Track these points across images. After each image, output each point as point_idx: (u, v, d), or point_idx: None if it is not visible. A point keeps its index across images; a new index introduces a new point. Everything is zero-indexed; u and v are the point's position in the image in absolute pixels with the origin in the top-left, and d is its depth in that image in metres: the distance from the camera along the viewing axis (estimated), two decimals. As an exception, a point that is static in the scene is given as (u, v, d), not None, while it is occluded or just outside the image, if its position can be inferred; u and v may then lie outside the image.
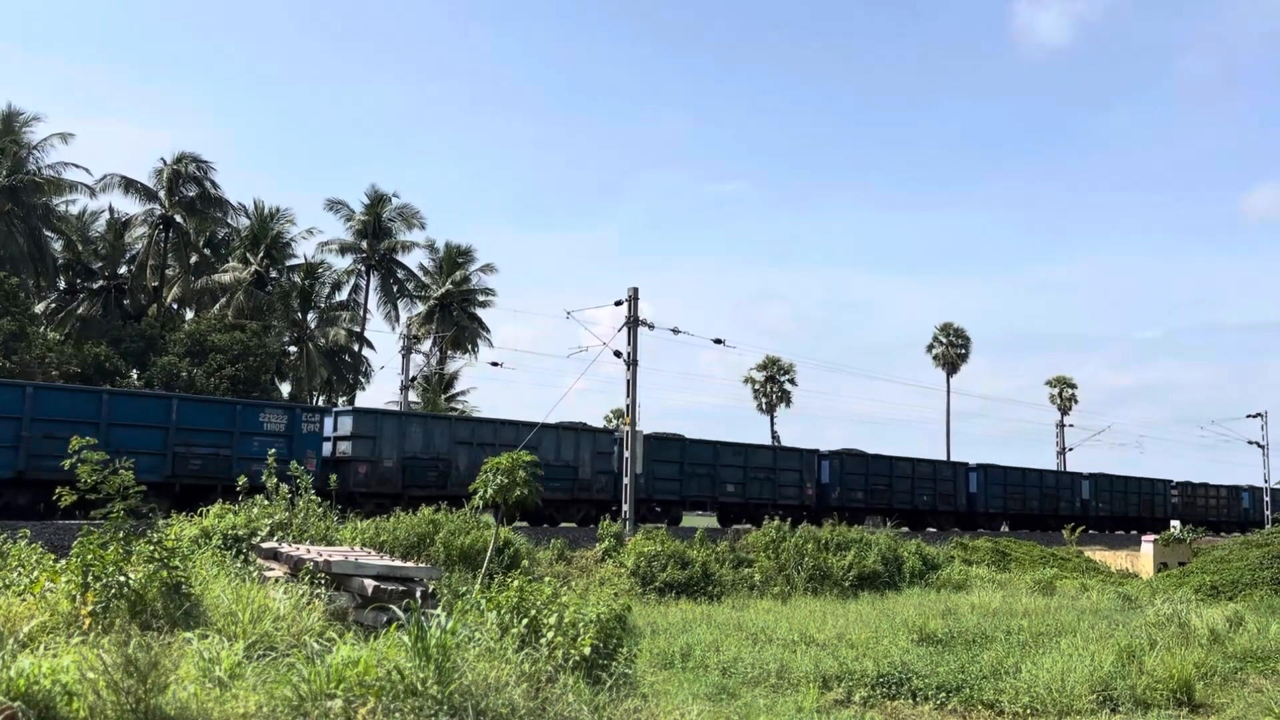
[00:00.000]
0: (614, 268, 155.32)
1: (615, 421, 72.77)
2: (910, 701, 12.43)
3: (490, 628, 9.59)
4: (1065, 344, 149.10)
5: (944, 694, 12.53)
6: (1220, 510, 61.20)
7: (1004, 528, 47.21)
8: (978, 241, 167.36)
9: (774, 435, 75.79)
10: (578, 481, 32.08)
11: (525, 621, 9.73)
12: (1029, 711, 11.81)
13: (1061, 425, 75.07)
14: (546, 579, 12.35)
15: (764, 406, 78.21)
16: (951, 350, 78.66)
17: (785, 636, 16.13)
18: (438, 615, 8.68)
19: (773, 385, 77.88)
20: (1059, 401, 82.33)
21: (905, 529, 35.73)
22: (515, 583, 10.52)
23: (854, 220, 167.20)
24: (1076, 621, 18.34)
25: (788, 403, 78.20)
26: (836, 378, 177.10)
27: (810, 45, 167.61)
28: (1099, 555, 38.09)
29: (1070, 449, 73.05)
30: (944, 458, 61.65)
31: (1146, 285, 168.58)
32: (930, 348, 79.62)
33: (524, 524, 26.81)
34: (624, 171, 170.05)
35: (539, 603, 10.09)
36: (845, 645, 15.32)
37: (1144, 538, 39.22)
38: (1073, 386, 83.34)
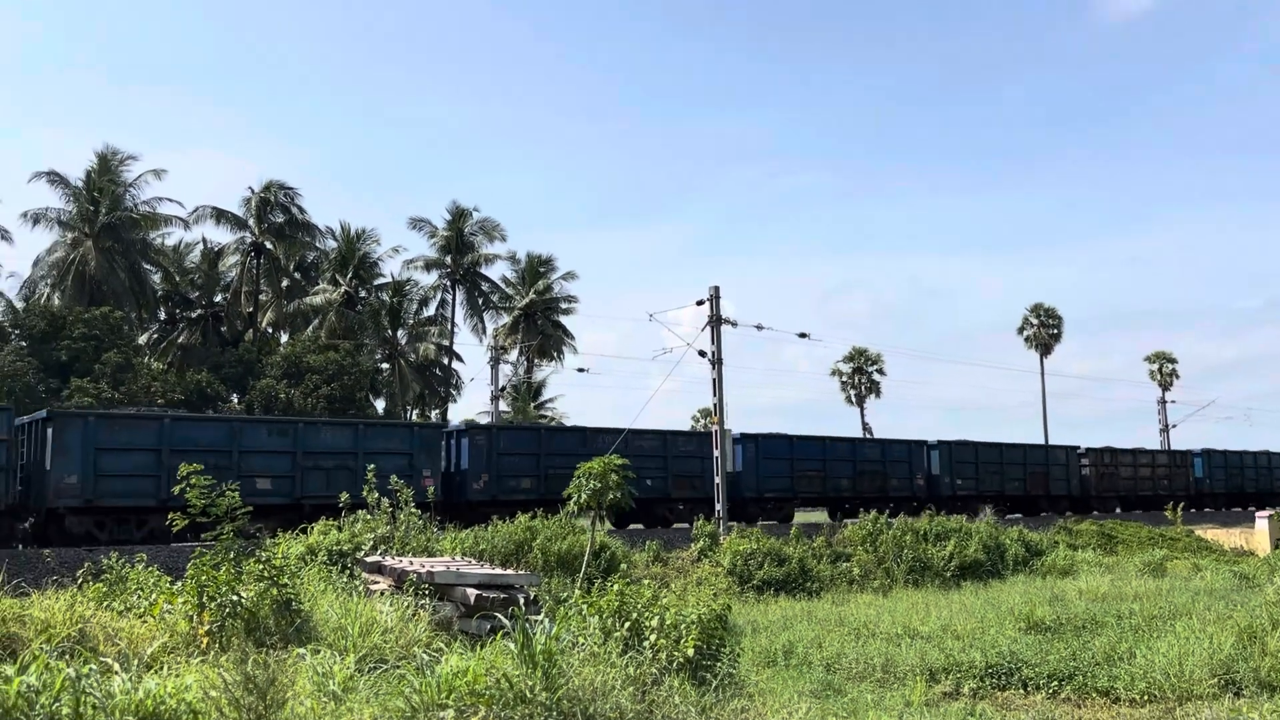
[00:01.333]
0: (693, 266, 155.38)
1: (702, 421, 72.73)
2: (1021, 691, 12.19)
3: (593, 632, 9.67)
4: (1162, 318, 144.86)
5: (1056, 682, 12.26)
6: (1156, 482, 49.05)
7: (800, 515, 36.75)
8: (1063, 218, 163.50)
9: (865, 427, 75.02)
10: None
11: (627, 625, 9.79)
12: (1146, 698, 11.49)
13: (1163, 402, 72.94)
14: (645, 581, 12.41)
15: (853, 398, 77.47)
16: (1044, 331, 76.94)
17: (888, 630, 15.94)
18: (541, 622, 8.79)
19: (861, 376, 77.09)
20: (1159, 378, 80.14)
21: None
22: (615, 586, 10.58)
23: (933, 205, 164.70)
24: (1191, 603, 17.78)
25: (877, 393, 77.38)
26: (926, 366, 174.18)
27: (880, 29, 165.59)
28: (1211, 534, 36.93)
29: (1174, 426, 71.00)
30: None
31: (1242, 252, 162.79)
32: (1021, 329, 78.04)
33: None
34: (697, 170, 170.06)
35: (640, 605, 10.14)
36: (950, 637, 15.09)
37: (1259, 514, 37.84)
38: (1173, 362, 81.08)
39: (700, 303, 30.45)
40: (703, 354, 30.21)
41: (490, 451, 29.22)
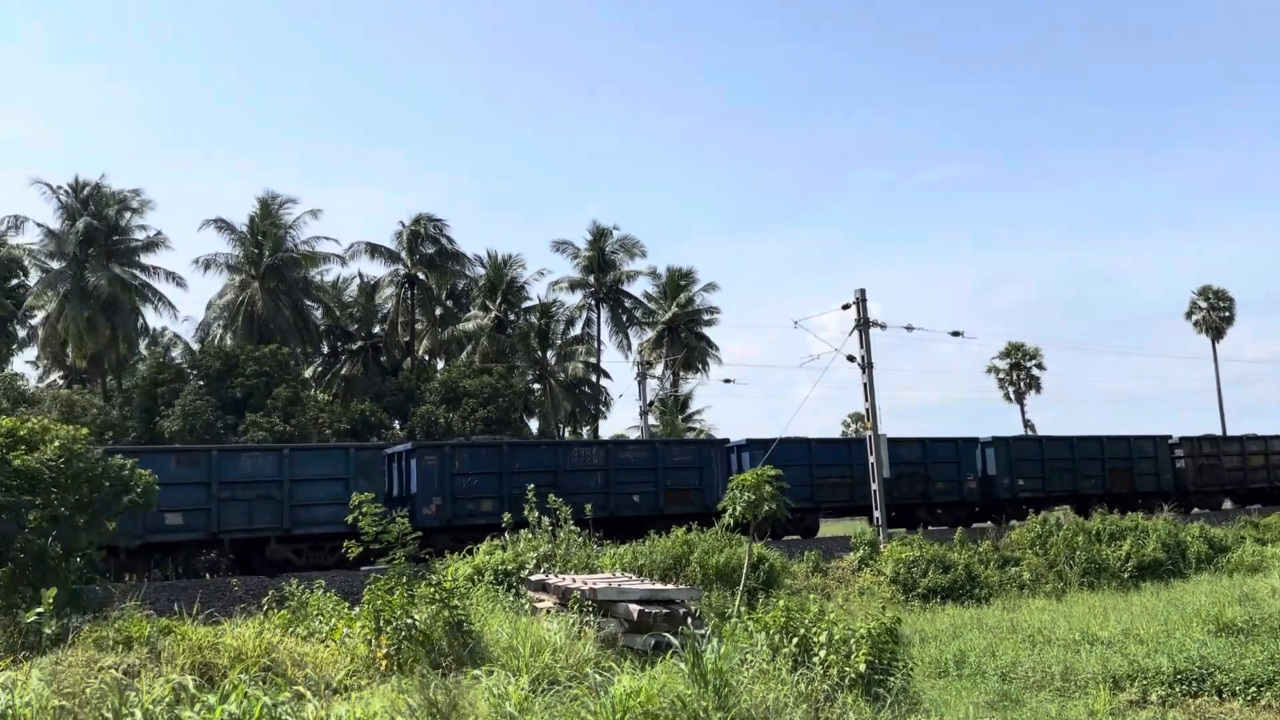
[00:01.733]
0: (836, 269, 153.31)
1: (854, 425, 71.64)
2: (1215, 698, 11.55)
3: (760, 649, 9.63)
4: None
5: (1254, 688, 11.57)
6: (1271, 472, 42.34)
7: (826, 527, 31.81)
8: (1229, 191, 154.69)
9: (1026, 424, 72.53)
10: None
11: (795, 641, 9.71)
12: (1358, 704, 10.75)
13: (1354, 382, 68.21)
14: (810, 596, 12.27)
15: (1011, 395, 75.02)
16: (1214, 314, 73.07)
17: (1065, 636, 15.35)
18: (709, 638, 8.79)
19: (1019, 372, 74.54)
20: (1347, 356, 74.96)
21: None
22: (781, 602, 10.52)
23: (1086, 186, 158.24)
24: (1402, 600, 16.57)
25: (1037, 389, 74.65)
26: (1089, 357, 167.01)
27: (1012, 10, 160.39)
28: None
29: (1367, 407, 66.28)
30: (1213, 431, 52.71)
31: None
32: (1190, 314, 74.28)
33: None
34: (832, 172, 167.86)
35: (806, 620, 10.04)
36: (1133, 641, 14.44)
37: None
38: (1362, 338, 75.70)
39: (846, 306, 30.05)
40: (851, 359, 29.76)
41: (443, 473, 26.36)
